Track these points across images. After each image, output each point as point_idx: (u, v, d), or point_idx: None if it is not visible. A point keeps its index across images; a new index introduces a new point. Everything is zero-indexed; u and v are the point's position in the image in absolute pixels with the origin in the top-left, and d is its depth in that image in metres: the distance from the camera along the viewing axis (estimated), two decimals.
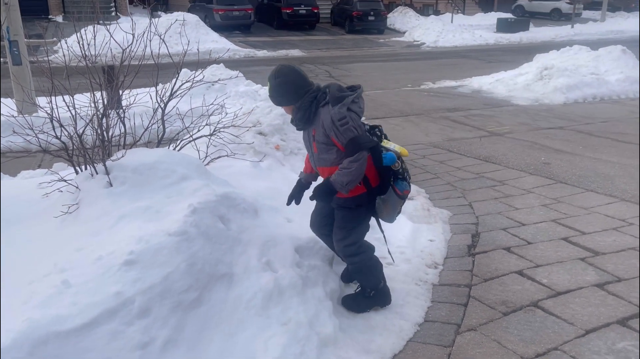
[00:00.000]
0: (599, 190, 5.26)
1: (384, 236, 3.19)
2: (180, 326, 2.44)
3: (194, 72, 4.20)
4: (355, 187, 2.89)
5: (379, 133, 3.04)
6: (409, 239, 4.03)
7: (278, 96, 2.93)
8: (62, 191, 3.38)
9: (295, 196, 3.26)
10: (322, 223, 3.29)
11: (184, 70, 4.17)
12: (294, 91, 2.87)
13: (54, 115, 3.45)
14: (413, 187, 5.40)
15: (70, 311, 2.22)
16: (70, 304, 2.25)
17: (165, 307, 2.43)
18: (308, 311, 2.77)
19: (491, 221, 4.57)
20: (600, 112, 9.18)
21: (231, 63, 11.40)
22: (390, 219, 3.12)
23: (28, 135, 3.43)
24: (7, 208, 3.22)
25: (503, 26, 25.58)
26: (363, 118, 3.02)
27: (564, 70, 10.89)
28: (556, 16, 31.86)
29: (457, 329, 3.04)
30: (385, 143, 3.00)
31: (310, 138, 2.97)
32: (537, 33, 25.24)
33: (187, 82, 3.95)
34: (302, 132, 3.09)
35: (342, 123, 2.75)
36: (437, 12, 28.98)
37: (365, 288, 3.17)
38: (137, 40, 3.70)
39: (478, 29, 25.03)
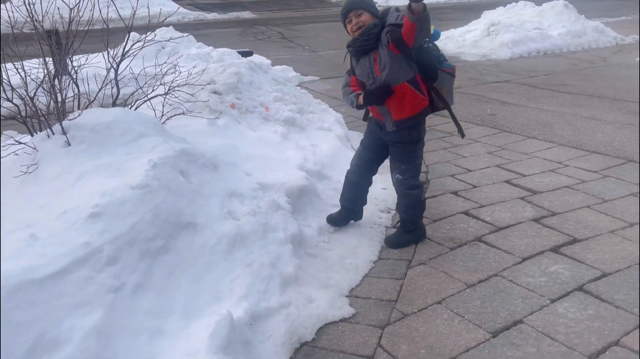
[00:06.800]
0: (539, 137, 5.62)
1: (458, 124, 3.33)
2: (149, 271, 2.57)
3: (144, 35, 4.18)
4: (417, 102, 3.15)
5: None
6: None
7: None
8: (18, 154, 3.38)
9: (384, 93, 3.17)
10: (365, 170, 3.55)
11: (132, 33, 4.13)
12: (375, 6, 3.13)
13: (2, 77, 3.42)
14: None
15: (41, 261, 2.30)
16: (40, 256, 2.34)
17: (134, 255, 2.55)
18: (270, 254, 2.95)
19: (440, 169, 4.84)
20: (543, 66, 9.59)
21: (180, 27, 11.14)
22: (452, 99, 3.30)
23: None
24: None
25: None
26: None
27: (509, 25, 11.23)
28: None
29: (409, 264, 3.30)
30: None
31: (372, 63, 3.15)
32: None
33: (138, 41, 3.95)
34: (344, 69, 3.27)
35: (400, 18, 3.05)
36: None
37: (406, 224, 3.45)
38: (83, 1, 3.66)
39: None
